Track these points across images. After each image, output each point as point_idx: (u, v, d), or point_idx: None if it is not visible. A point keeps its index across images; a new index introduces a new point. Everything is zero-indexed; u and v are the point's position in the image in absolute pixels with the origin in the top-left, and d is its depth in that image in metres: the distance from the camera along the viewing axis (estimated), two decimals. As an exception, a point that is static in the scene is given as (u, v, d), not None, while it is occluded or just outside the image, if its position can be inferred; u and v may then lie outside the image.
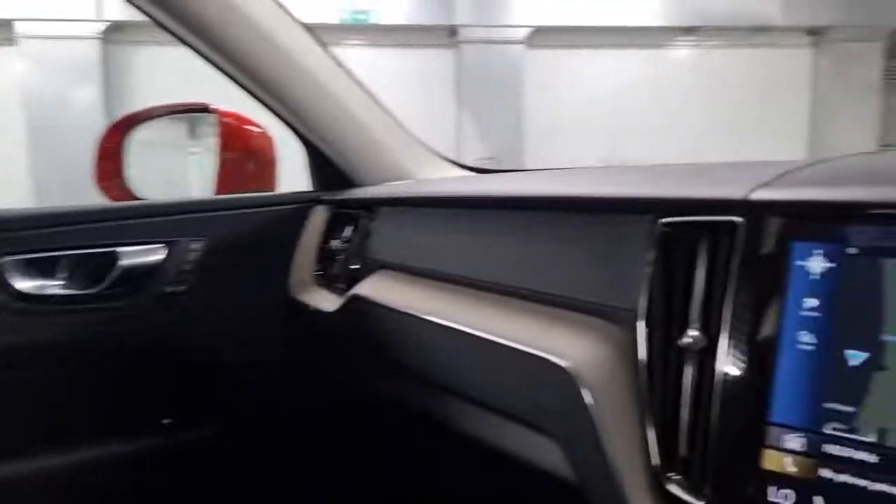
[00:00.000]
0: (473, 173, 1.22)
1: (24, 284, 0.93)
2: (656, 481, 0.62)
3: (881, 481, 0.51)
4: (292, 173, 1.31)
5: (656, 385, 0.64)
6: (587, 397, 0.68)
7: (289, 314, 1.12)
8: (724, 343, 0.60)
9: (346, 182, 1.16)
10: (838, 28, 6.72)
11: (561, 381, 0.70)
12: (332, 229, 1.16)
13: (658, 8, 6.58)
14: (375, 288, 0.99)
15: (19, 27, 6.73)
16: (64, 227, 0.97)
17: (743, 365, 0.58)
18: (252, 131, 1.32)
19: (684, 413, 0.62)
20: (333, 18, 6.30)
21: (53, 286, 0.95)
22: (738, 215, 0.61)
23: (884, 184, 0.57)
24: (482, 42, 6.37)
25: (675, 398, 0.63)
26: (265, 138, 1.32)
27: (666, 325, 0.65)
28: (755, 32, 6.84)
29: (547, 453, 0.75)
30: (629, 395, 0.67)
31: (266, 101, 1.10)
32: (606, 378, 0.69)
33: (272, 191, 1.32)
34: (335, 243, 1.14)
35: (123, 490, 1.01)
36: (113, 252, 0.99)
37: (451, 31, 6.49)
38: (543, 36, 6.44)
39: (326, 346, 1.08)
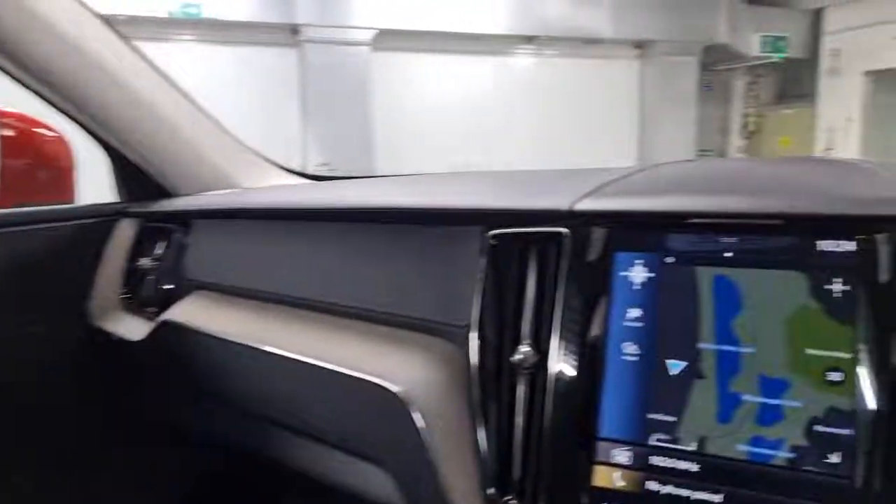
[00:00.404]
0: (307, 181, 1.15)
1: None
2: (486, 499, 0.58)
3: (702, 489, 0.51)
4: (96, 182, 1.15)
5: (490, 404, 0.61)
6: (419, 421, 0.63)
7: (88, 345, 0.98)
8: (553, 358, 0.58)
9: (158, 192, 1.04)
10: (660, 42, 7.33)
11: (391, 406, 0.65)
12: (140, 246, 1.03)
13: (501, 16, 6.81)
14: (190, 311, 0.89)
15: None
16: None
17: (572, 379, 0.57)
18: (43, 135, 1.15)
19: (518, 432, 0.59)
20: (161, 11, 5.83)
21: None
22: (564, 226, 0.60)
23: (695, 193, 0.58)
24: (325, 42, 6.21)
25: (510, 417, 0.60)
26: (60, 143, 1.15)
27: (499, 340, 0.63)
28: (589, 44, 7.28)
29: (379, 484, 0.70)
30: (464, 417, 0.63)
31: (56, 103, 0.95)
32: (439, 400, 0.65)
33: (69, 202, 1.15)
34: (144, 262, 1.01)
35: None
36: None
37: (293, 29, 6.27)
38: (389, 39, 6.42)
39: (133, 381, 0.96)
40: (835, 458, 0.48)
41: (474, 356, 0.63)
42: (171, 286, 0.96)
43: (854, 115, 7.26)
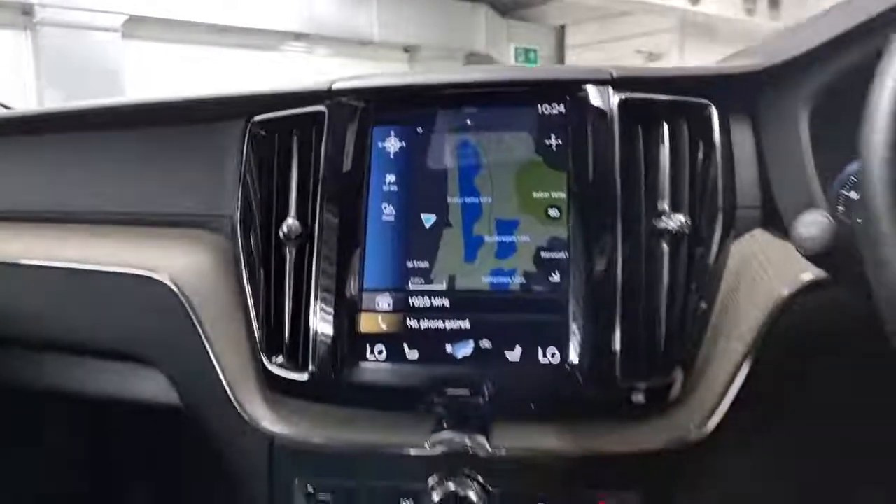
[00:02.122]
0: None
1: None
2: (262, 368, 0.60)
3: (452, 319, 0.58)
4: None
5: (258, 280, 0.63)
6: (186, 307, 0.63)
7: None
8: (318, 226, 0.61)
9: None
10: (427, 47, 7.75)
11: (158, 296, 0.63)
12: None
13: (271, 12, 6.66)
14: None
15: None
16: None
17: (337, 243, 0.61)
18: None
19: (286, 300, 0.62)
20: None
21: None
22: (324, 105, 0.64)
23: (440, 73, 0.65)
24: (65, 26, 5.54)
25: (279, 288, 0.62)
26: None
27: (266, 221, 0.64)
28: (361, 45, 7.45)
29: (156, 386, 0.67)
30: (235, 298, 0.64)
31: None
32: (208, 285, 0.65)
33: None
34: None
35: None
36: None
37: (25, 10, 5.50)
38: (141, 26, 5.92)
39: None
40: (556, 278, 0.58)
41: (239, 238, 0.64)
42: None
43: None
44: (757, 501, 0.58)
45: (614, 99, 0.60)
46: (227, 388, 0.60)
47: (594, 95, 0.60)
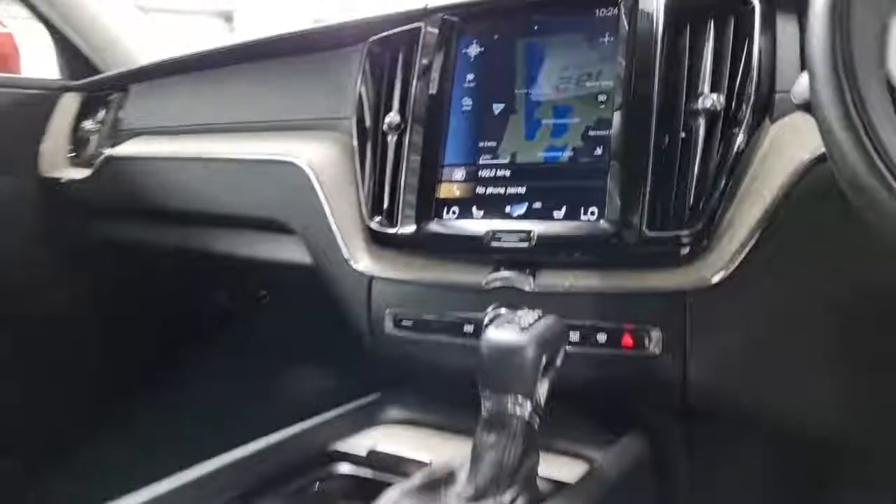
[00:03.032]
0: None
1: None
2: (366, 226, 0.77)
3: (512, 186, 0.71)
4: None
5: (366, 163, 0.80)
6: (315, 185, 0.81)
7: (40, 190, 1.12)
8: (411, 118, 0.77)
9: (91, 71, 1.19)
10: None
11: (297, 176, 0.83)
12: (86, 114, 1.18)
13: None
14: (129, 148, 1.05)
15: None
16: None
17: (426, 130, 0.76)
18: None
19: (387, 177, 0.78)
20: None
21: None
22: (422, 22, 0.79)
23: None
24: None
25: (382, 168, 0.79)
26: (6, 35, 1.29)
27: (374, 118, 0.81)
28: None
29: (286, 247, 0.87)
30: (348, 177, 0.81)
31: None
32: (331, 168, 0.83)
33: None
34: (88, 125, 1.16)
35: None
36: None
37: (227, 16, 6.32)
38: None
39: (77, 212, 1.10)
40: (598, 151, 0.69)
41: (354, 132, 0.81)
42: (112, 142, 1.11)
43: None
44: (768, 345, 0.64)
45: (660, 1, 0.69)
46: (340, 244, 0.78)
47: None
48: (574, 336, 0.65)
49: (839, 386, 0.64)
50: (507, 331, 0.53)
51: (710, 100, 0.66)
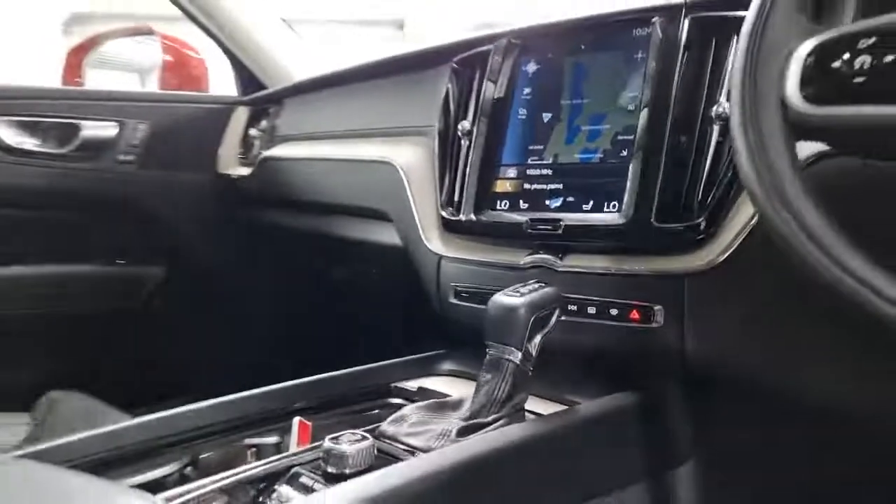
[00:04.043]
0: None
1: (11, 139, 1.22)
2: (440, 215, 0.94)
3: (552, 182, 0.84)
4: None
5: (445, 162, 0.97)
6: (404, 181, 1.00)
7: (216, 183, 1.43)
8: (479, 124, 0.93)
9: (262, 87, 1.48)
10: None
11: (392, 174, 1.03)
12: (252, 123, 1.47)
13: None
14: (280, 150, 1.31)
15: None
16: (43, 99, 1.27)
17: (487, 134, 0.91)
18: (189, 55, 1.63)
19: (458, 175, 0.94)
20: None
21: (32, 143, 1.25)
22: (491, 44, 0.95)
23: (563, 18, 0.90)
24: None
25: (454, 167, 0.95)
26: (200, 62, 1.63)
27: (453, 125, 0.98)
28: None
29: (385, 231, 1.07)
30: (430, 175, 0.99)
31: (206, 27, 1.42)
32: (418, 168, 1.01)
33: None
34: (253, 132, 1.45)
35: (84, 303, 1.31)
36: (77, 123, 1.29)
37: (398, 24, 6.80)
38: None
39: (243, 202, 1.39)
40: (624, 153, 0.80)
41: (435, 138, 0.99)
42: (270, 145, 1.39)
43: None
44: (760, 320, 0.72)
45: (685, 21, 0.79)
46: (419, 229, 0.96)
47: (666, 19, 0.79)
48: (591, 309, 0.78)
49: (828, 357, 0.70)
50: (507, 296, 0.68)
51: (724, 107, 0.75)
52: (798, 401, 0.73)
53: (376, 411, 0.79)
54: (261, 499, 0.55)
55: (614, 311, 0.77)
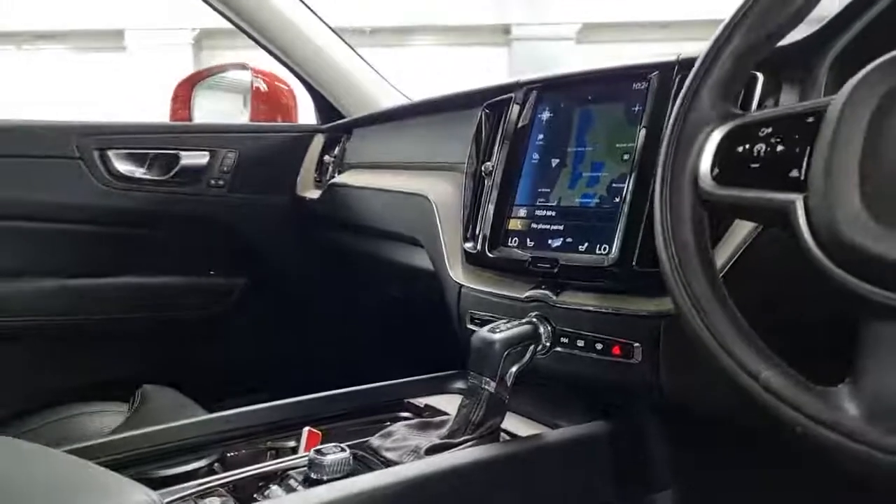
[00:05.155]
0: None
1: (122, 168, 1.46)
2: (463, 248, 1.04)
3: (554, 223, 0.92)
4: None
5: (469, 198, 1.07)
6: (435, 212, 1.11)
7: (294, 205, 1.61)
8: (498, 165, 1.02)
9: (338, 116, 1.64)
10: None
11: (426, 206, 1.14)
12: (327, 150, 1.64)
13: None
14: (344, 177, 1.46)
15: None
16: (149, 134, 1.51)
17: (505, 175, 1.00)
18: (280, 87, 1.82)
19: (480, 211, 1.04)
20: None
21: (140, 171, 1.48)
22: (513, 92, 1.04)
23: (572, 68, 0.98)
24: (531, 39, 6.75)
25: (476, 204, 1.05)
26: (290, 93, 1.82)
27: (479, 165, 1.08)
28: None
29: (422, 257, 1.19)
30: (458, 208, 1.10)
31: (283, 60, 1.59)
32: (448, 202, 1.12)
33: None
34: (327, 158, 1.61)
35: (177, 309, 1.53)
36: (177, 153, 1.50)
37: (504, 29, 6.89)
38: (594, 32, 6.73)
39: (314, 222, 1.56)
40: (617, 199, 0.87)
41: (463, 176, 1.09)
42: (340, 171, 1.55)
43: None
44: None
45: (677, 77, 0.84)
46: (445, 259, 1.07)
47: (661, 76, 0.85)
48: (580, 342, 0.85)
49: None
50: (487, 332, 0.77)
51: (704, 161, 0.80)
52: (772, 433, 0.77)
53: (387, 423, 0.91)
54: (255, 495, 0.69)
55: (599, 346, 0.84)
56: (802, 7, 0.58)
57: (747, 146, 0.55)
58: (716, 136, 0.58)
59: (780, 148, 0.52)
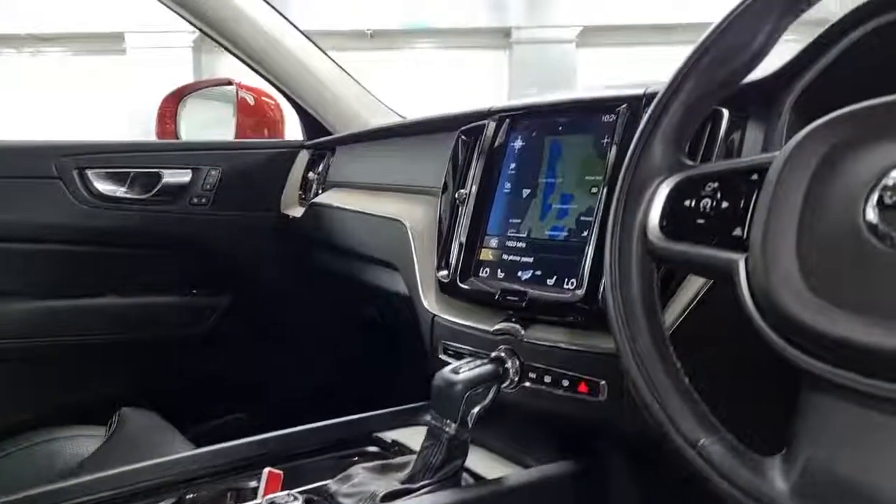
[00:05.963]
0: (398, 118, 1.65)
1: (103, 188, 1.45)
2: (435, 276, 1.03)
3: (524, 255, 0.91)
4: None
5: (444, 224, 1.06)
6: (410, 239, 1.10)
7: (278, 223, 1.60)
8: (470, 195, 1.01)
9: (324, 132, 1.63)
10: None
11: (402, 231, 1.13)
12: (311, 166, 1.63)
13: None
14: (325, 197, 1.45)
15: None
16: (130, 153, 1.50)
17: (478, 204, 0.99)
18: (267, 101, 1.81)
19: (453, 239, 1.03)
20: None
21: (120, 191, 1.48)
22: (486, 119, 1.03)
23: (547, 96, 0.97)
24: (532, 42, 6.73)
25: (449, 231, 1.04)
26: (276, 107, 1.81)
27: (453, 190, 1.07)
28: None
29: (396, 280, 1.18)
30: (433, 234, 1.09)
31: (267, 77, 1.58)
32: (423, 228, 1.11)
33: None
34: (311, 175, 1.60)
35: (158, 329, 1.53)
36: (158, 172, 1.50)
37: (505, 32, 6.89)
38: (593, 35, 6.72)
39: (297, 241, 1.55)
40: (584, 234, 0.86)
41: (439, 201, 1.08)
42: (322, 189, 1.54)
43: None
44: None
45: (645, 110, 0.83)
46: (419, 287, 1.06)
47: (629, 108, 0.84)
48: (547, 378, 0.85)
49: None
50: (448, 372, 0.76)
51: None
52: None
53: (355, 459, 0.90)
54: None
55: (566, 382, 0.83)
56: (756, 54, 0.58)
57: (694, 201, 0.54)
58: (664, 189, 0.57)
59: (724, 204, 0.52)
